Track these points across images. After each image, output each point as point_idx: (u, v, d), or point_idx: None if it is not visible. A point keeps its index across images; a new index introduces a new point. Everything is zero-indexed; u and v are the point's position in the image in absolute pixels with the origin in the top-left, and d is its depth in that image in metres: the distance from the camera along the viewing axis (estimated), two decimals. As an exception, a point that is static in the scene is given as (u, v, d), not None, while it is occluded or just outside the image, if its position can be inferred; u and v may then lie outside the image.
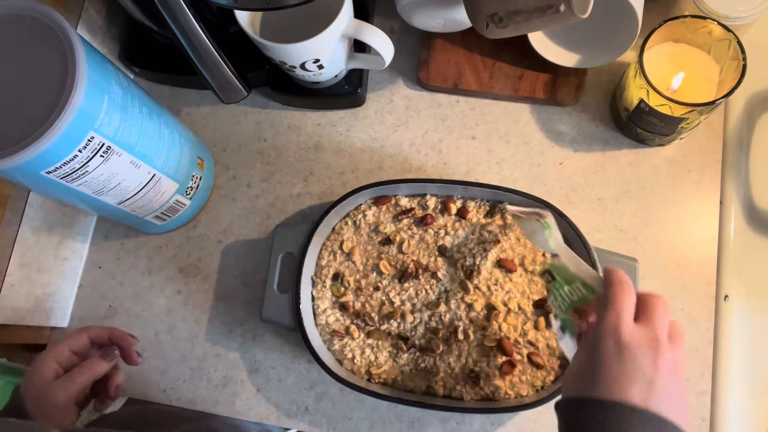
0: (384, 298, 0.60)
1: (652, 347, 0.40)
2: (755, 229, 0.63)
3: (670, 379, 0.40)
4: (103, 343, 0.53)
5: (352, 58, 0.64)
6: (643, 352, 0.40)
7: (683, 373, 0.41)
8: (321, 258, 0.62)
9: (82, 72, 0.45)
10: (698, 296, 0.61)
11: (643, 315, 0.42)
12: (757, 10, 0.58)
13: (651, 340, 0.40)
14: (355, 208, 0.63)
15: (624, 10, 0.55)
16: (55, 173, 0.47)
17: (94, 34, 0.69)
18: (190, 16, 0.54)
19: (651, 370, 0.40)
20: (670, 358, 0.40)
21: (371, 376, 0.59)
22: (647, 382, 0.39)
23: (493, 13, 0.54)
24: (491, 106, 0.68)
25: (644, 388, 0.39)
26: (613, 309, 0.42)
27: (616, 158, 0.66)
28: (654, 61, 0.57)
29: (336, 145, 0.69)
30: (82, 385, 0.50)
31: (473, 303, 0.59)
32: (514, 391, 0.57)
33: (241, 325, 0.65)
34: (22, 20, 0.46)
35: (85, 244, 0.68)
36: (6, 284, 0.65)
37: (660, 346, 0.40)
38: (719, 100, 0.54)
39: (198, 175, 0.65)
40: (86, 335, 0.52)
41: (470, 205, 0.62)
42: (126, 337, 0.53)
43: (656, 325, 0.41)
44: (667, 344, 0.41)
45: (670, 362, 0.40)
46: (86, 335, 0.52)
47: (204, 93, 0.71)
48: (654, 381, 0.39)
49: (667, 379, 0.40)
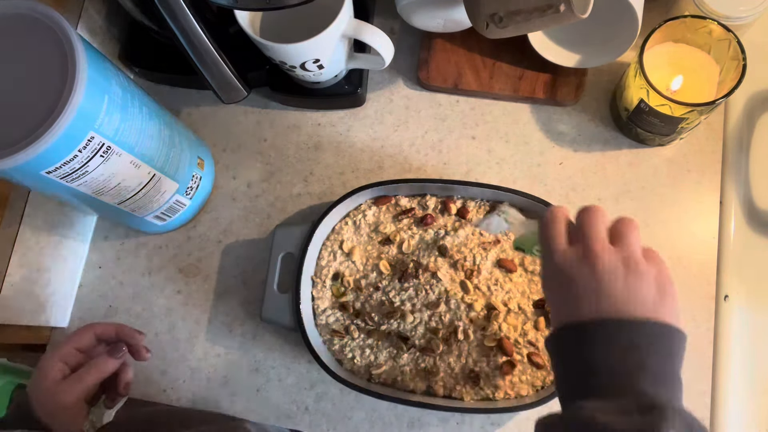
0: (384, 298, 0.60)
1: (586, 259, 0.40)
2: (755, 229, 0.63)
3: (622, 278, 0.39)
4: (109, 339, 0.52)
5: (352, 58, 0.64)
6: (579, 268, 0.40)
7: (641, 264, 0.39)
8: (321, 258, 0.62)
9: (82, 72, 0.45)
10: (698, 296, 0.61)
11: (575, 237, 0.42)
12: (757, 10, 0.58)
13: (582, 253, 0.40)
14: (355, 208, 0.63)
15: (624, 10, 0.55)
16: (55, 173, 0.47)
17: (94, 34, 0.69)
18: (190, 16, 0.53)
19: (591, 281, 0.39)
20: (612, 259, 0.39)
21: (371, 376, 0.59)
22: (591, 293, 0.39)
23: (493, 13, 0.54)
24: (491, 106, 0.68)
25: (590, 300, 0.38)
26: (585, 236, 0.41)
27: (616, 158, 0.66)
28: (654, 61, 0.57)
29: (336, 145, 0.69)
30: (91, 385, 0.49)
31: (473, 303, 0.59)
32: (514, 391, 0.57)
33: (241, 325, 0.65)
34: (22, 20, 0.46)
35: (85, 244, 0.68)
36: (6, 284, 0.65)
37: (593, 254, 0.39)
38: (719, 100, 0.54)
39: (198, 175, 0.65)
40: (92, 332, 0.51)
41: (470, 205, 0.62)
42: (133, 334, 0.52)
43: (587, 237, 0.40)
44: (607, 248, 0.40)
45: (613, 263, 0.39)
46: (92, 332, 0.51)
47: (204, 93, 0.71)
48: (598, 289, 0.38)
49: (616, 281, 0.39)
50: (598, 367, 0.37)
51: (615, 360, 0.37)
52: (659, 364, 0.37)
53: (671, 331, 0.38)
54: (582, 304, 0.39)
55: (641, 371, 0.37)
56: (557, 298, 0.42)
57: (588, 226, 0.41)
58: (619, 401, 0.36)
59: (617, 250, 0.40)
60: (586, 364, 0.38)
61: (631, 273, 0.39)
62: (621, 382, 0.37)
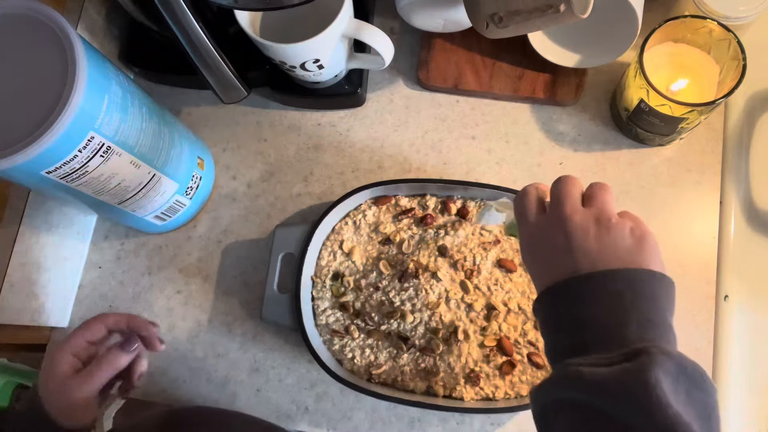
0: (384, 298, 0.60)
1: (558, 223, 0.40)
2: (755, 229, 0.63)
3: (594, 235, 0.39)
4: (121, 331, 0.50)
5: (352, 58, 0.64)
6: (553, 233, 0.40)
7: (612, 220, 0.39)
8: (321, 258, 0.62)
9: (82, 72, 0.45)
10: (698, 296, 0.61)
11: (548, 206, 0.42)
12: (757, 10, 0.58)
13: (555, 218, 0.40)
14: (355, 208, 0.63)
15: (624, 10, 0.55)
16: (55, 173, 0.47)
17: (94, 34, 0.69)
18: (191, 16, 0.53)
19: (565, 242, 0.39)
20: (583, 218, 0.39)
21: (371, 376, 0.59)
22: (566, 253, 0.39)
23: (493, 13, 0.54)
24: (491, 106, 0.68)
25: (566, 260, 0.38)
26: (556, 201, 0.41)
27: (616, 158, 0.66)
28: (654, 61, 0.57)
29: (336, 145, 0.69)
30: (103, 381, 0.47)
31: (473, 303, 0.59)
32: (514, 391, 0.57)
33: (241, 325, 0.65)
34: (22, 20, 0.46)
35: (85, 244, 0.68)
36: (6, 284, 0.65)
37: (565, 217, 0.39)
38: (719, 100, 0.54)
39: (198, 175, 0.65)
40: (103, 324, 0.49)
41: (470, 205, 0.62)
42: (147, 326, 0.50)
43: (558, 203, 0.40)
44: (579, 209, 0.40)
45: (584, 222, 0.39)
46: (103, 324, 0.49)
47: (204, 93, 0.71)
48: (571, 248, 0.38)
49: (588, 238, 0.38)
50: (581, 323, 0.37)
51: (597, 314, 0.37)
52: (643, 311, 0.36)
53: (652, 276, 0.37)
54: (558, 266, 0.39)
55: (625, 319, 0.36)
56: (536, 266, 0.42)
57: (560, 192, 0.41)
58: (606, 354, 0.35)
59: (588, 210, 0.40)
60: (569, 323, 0.38)
61: (603, 227, 0.39)
62: (606, 334, 0.36)
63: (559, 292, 0.39)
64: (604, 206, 0.40)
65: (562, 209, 0.40)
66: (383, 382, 0.59)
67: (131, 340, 0.49)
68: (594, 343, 0.36)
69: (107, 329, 0.50)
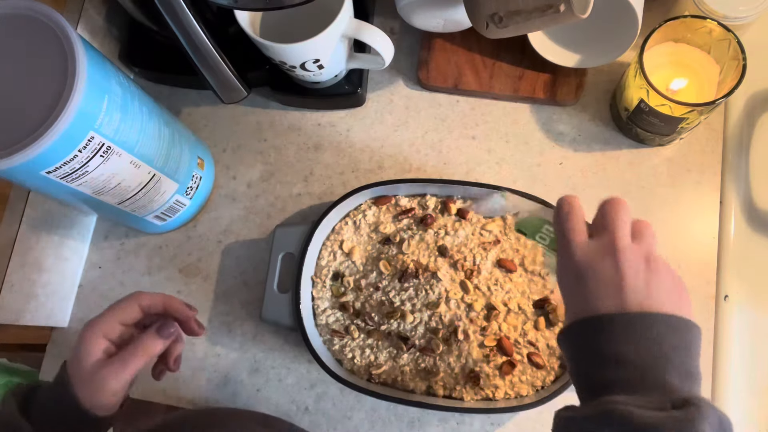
0: (384, 298, 0.60)
1: (609, 253, 0.39)
2: (755, 229, 0.63)
3: (644, 274, 0.39)
4: (157, 312, 0.47)
5: (352, 58, 0.64)
6: (602, 261, 0.39)
7: (659, 262, 0.39)
8: (321, 258, 0.62)
9: (82, 72, 0.45)
10: (698, 296, 0.61)
11: (596, 228, 0.41)
12: (757, 10, 0.58)
13: (606, 247, 0.40)
14: (355, 208, 0.63)
15: (624, 10, 0.55)
16: (55, 173, 0.47)
17: (94, 34, 0.69)
18: (191, 16, 0.53)
19: (615, 275, 0.38)
20: (635, 256, 0.39)
21: (371, 376, 0.59)
22: (615, 287, 0.38)
23: (493, 13, 0.54)
24: (491, 106, 0.68)
25: (614, 294, 0.38)
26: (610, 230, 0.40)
27: (616, 158, 0.66)
28: (654, 61, 0.57)
29: (336, 145, 0.69)
30: (139, 368, 0.45)
31: (473, 303, 0.59)
32: (514, 391, 0.57)
33: (241, 325, 0.65)
34: (22, 20, 0.46)
35: (85, 244, 0.68)
36: (6, 284, 0.65)
37: (617, 249, 0.39)
38: (719, 100, 0.54)
39: (198, 175, 0.65)
40: (137, 304, 0.46)
41: (470, 205, 0.62)
42: (184, 310, 0.47)
43: (611, 231, 0.40)
44: (630, 244, 0.40)
45: (636, 259, 0.39)
46: (137, 304, 0.46)
47: (204, 93, 0.71)
48: (622, 284, 0.38)
49: (639, 276, 0.38)
50: (623, 360, 0.37)
51: (641, 354, 0.37)
52: (682, 358, 0.37)
53: (690, 326, 0.38)
54: (604, 298, 0.39)
55: (668, 365, 0.36)
56: (575, 292, 0.41)
57: (614, 220, 0.40)
58: (650, 396, 0.35)
59: (638, 247, 0.40)
60: (609, 358, 0.38)
61: (651, 270, 0.39)
62: (647, 376, 0.36)
63: (602, 325, 0.38)
64: (652, 247, 0.40)
65: (616, 240, 0.40)
66: (383, 382, 0.59)
67: (168, 325, 0.46)
68: (633, 382, 0.37)
69: (142, 311, 0.47)
